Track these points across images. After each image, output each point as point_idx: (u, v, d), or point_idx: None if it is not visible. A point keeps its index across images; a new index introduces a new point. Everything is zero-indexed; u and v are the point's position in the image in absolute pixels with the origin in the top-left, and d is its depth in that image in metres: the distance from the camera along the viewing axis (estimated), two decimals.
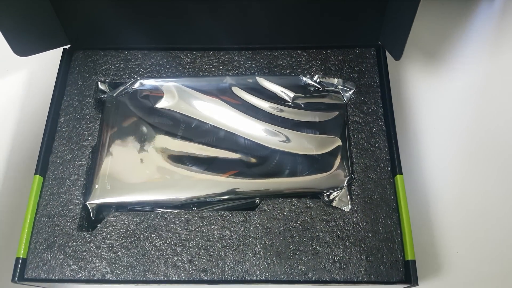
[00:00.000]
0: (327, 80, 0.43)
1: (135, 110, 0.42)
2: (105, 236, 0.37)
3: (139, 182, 0.39)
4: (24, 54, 0.42)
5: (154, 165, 0.39)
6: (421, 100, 0.47)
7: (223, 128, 0.41)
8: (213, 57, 0.45)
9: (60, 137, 0.41)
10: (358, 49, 0.45)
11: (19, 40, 0.41)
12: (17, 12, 0.40)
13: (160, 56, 0.45)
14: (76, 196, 0.39)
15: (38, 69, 0.50)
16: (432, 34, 0.51)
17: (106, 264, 0.36)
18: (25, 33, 0.41)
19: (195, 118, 0.42)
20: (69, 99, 0.43)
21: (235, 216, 0.37)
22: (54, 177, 0.40)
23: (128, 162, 0.40)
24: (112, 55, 0.45)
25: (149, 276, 0.36)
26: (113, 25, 0.44)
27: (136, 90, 0.43)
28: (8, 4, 0.38)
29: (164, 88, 0.43)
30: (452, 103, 0.47)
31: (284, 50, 0.45)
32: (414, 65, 0.50)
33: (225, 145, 0.40)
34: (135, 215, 0.38)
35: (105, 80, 0.44)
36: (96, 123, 0.42)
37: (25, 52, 0.42)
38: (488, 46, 0.51)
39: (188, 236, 0.37)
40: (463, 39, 0.51)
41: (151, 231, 0.37)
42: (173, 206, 0.39)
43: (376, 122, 0.41)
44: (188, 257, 0.36)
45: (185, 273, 0.36)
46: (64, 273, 0.36)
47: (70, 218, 0.38)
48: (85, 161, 0.40)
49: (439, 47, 0.51)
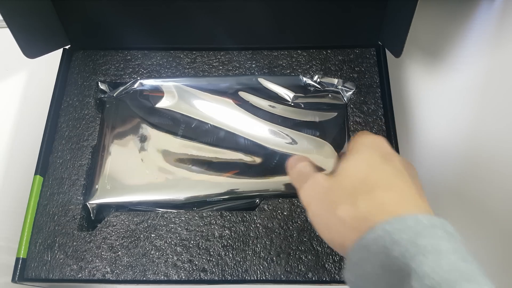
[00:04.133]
0: (327, 80, 0.44)
1: (135, 110, 0.43)
2: (105, 236, 0.38)
3: (139, 182, 0.40)
4: (32, 55, 0.43)
5: (154, 165, 0.40)
6: (421, 99, 0.48)
7: (223, 128, 0.42)
8: (213, 57, 0.46)
9: (60, 137, 0.42)
10: (358, 49, 0.46)
11: (28, 41, 0.42)
12: (24, 14, 0.41)
13: (160, 56, 0.46)
14: (76, 196, 0.40)
15: (38, 70, 0.51)
16: (432, 34, 0.52)
17: (106, 264, 0.37)
18: (32, 35, 0.43)
19: (195, 118, 0.43)
20: (69, 99, 0.44)
21: (235, 216, 0.38)
22: (54, 177, 0.41)
23: (128, 162, 0.41)
24: (112, 55, 0.46)
25: (149, 276, 0.37)
26: (113, 25, 0.45)
27: (136, 90, 0.44)
28: (16, 6, 0.40)
29: (164, 88, 0.44)
30: (452, 103, 0.48)
31: (284, 50, 0.46)
32: (414, 65, 0.50)
33: (225, 145, 0.41)
34: (135, 215, 0.39)
35: (105, 80, 0.45)
36: (96, 123, 0.43)
37: (34, 53, 0.43)
38: (488, 45, 0.52)
39: (188, 236, 0.38)
40: (463, 38, 0.52)
41: (151, 231, 0.38)
42: (173, 206, 0.40)
43: (376, 122, 0.42)
44: (188, 257, 0.37)
45: (185, 273, 0.37)
46: (64, 273, 0.37)
47: (70, 218, 0.39)
48: (85, 161, 0.41)
49: (439, 47, 0.52)
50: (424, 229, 0.23)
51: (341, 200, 0.27)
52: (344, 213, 0.26)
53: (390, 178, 0.27)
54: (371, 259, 0.24)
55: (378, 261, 0.24)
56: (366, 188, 0.26)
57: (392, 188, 0.26)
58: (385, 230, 0.23)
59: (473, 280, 0.22)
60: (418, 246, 0.23)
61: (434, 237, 0.23)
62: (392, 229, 0.23)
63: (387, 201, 0.26)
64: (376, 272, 0.24)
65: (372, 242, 0.24)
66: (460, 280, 0.21)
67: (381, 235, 0.24)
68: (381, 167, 0.27)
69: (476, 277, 0.22)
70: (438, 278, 0.21)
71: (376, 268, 0.24)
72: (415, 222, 0.23)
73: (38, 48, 0.44)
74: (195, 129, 0.42)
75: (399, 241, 0.23)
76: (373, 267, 0.24)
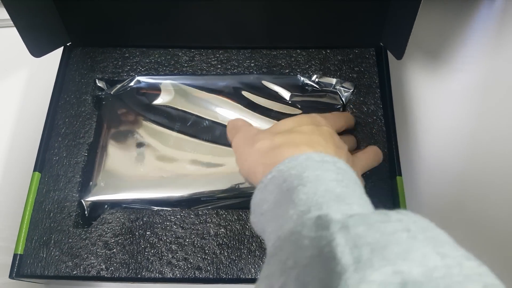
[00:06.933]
0: (325, 80, 0.45)
1: (132, 107, 0.44)
2: (100, 233, 0.39)
3: (135, 179, 0.41)
4: (38, 54, 0.44)
5: (149, 163, 0.41)
6: (421, 100, 0.49)
7: (220, 125, 0.43)
8: (211, 55, 0.47)
9: (56, 134, 0.43)
10: (357, 49, 0.47)
11: (33, 40, 0.43)
12: (29, 13, 0.42)
13: (158, 54, 0.47)
14: (72, 193, 0.41)
15: (37, 67, 0.52)
16: (433, 34, 0.53)
17: (102, 261, 0.38)
18: (37, 34, 0.44)
19: (191, 116, 0.44)
20: (67, 96, 0.45)
21: (230, 215, 0.39)
22: (50, 174, 0.42)
23: (124, 159, 0.42)
24: (110, 52, 0.47)
25: (144, 273, 0.37)
26: (112, 23, 0.46)
27: (133, 88, 0.45)
28: (21, 6, 0.41)
29: (161, 85, 0.45)
30: (453, 103, 0.49)
31: (283, 49, 0.47)
32: (414, 65, 0.51)
33: (221, 142, 0.42)
34: (131, 212, 0.40)
35: (103, 77, 0.46)
36: (93, 121, 0.44)
37: (39, 52, 0.44)
38: (489, 46, 0.53)
39: (183, 233, 0.39)
40: (465, 39, 0.53)
41: (147, 229, 0.39)
42: (169, 204, 0.40)
43: (376, 123, 0.43)
44: (183, 255, 0.38)
45: (180, 271, 0.37)
46: (60, 270, 0.38)
47: (66, 215, 0.40)
48: (81, 159, 0.42)
49: (439, 48, 0.53)
50: (312, 164, 0.26)
51: (263, 137, 0.31)
52: (262, 145, 0.31)
53: (312, 132, 0.31)
54: (267, 198, 0.27)
55: (272, 199, 0.26)
56: (286, 132, 0.31)
57: (308, 137, 0.30)
58: (279, 170, 0.26)
59: (344, 201, 0.23)
60: (302, 178, 0.25)
61: (319, 169, 0.25)
62: (285, 168, 0.26)
63: (298, 142, 0.29)
64: (271, 209, 0.26)
65: (268, 182, 0.27)
66: (330, 201, 0.23)
67: (275, 175, 0.27)
68: (307, 126, 0.31)
69: (350, 199, 0.24)
70: (309, 203, 0.23)
71: (271, 205, 0.26)
72: (305, 158, 0.26)
73: (42, 46, 0.45)
74: (191, 126, 0.43)
75: (288, 178, 0.26)
76: (269, 205, 0.26)
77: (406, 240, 0.19)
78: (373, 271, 0.18)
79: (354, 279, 0.18)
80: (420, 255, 0.19)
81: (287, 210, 0.24)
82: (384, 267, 0.18)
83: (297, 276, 0.20)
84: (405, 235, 0.20)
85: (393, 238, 0.19)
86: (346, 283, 0.18)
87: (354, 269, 0.18)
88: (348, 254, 0.19)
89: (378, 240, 0.19)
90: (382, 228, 0.20)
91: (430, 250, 0.19)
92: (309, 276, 0.19)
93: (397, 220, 0.21)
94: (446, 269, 0.18)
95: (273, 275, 0.21)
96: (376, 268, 0.18)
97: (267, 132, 0.32)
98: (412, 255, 0.19)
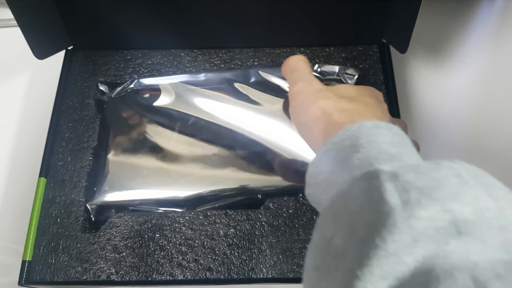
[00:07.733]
0: (328, 69, 0.44)
1: (133, 109, 0.44)
2: (109, 237, 0.39)
3: (139, 181, 0.41)
4: (42, 56, 0.44)
5: (153, 164, 0.41)
6: (425, 97, 0.50)
7: (222, 124, 0.43)
8: (214, 55, 0.47)
9: (60, 139, 0.43)
10: (361, 47, 0.47)
11: (37, 43, 0.43)
12: (33, 15, 0.42)
13: (160, 55, 0.47)
14: (78, 198, 0.41)
15: (39, 72, 0.52)
16: (435, 31, 0.53)
17: (111, 265, 0.38)
18: (41, 36, 0.44)
19: (193, 115, 0.43)
20: (69, 100, 0.45)
21: (240, 215, 0.39)
22: (56, 179, 0.42)
23: (128, 162, 0.42)
24: (112, 55, 0.47)
25: (154, 276, 0.38)
26: (114, 25, 0.46)
27: (133, 89, 0.45)
28: (26, 8, 0.41)
29: (161, 86, 0.45)
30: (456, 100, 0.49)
31: (287, 48, 0.47)
32: (417, 62, 0.52)
33: (224, 141, 0.42)
34: (139, 215, 0.40)
35: (105, 80, 0.46)
36: (96, 124, 0.44)
37: (43, 54, 0.45)
38: (491, 43, 0.53)
39: (193, 235, 0.39)
40: (467, 37, 0.53)
41: (155, 231, 0.39)
42: (174, 205, 0.40)
43: None
44: (194, 256, 0.38)
45: (191, 273, 0.38)
46: (69, 275, 0.38)
47: (74, 220, 0.40)
48: (86, 163, 0.42)
49: (442, 45, 0.53)
50: (365, 130, 0.26)
51: (328, 96, 0.32)
52: (326, 104, 0.31)
53: (373, 105, 0.32)
54: (323, 169, 0.27)
55: (328, 169, 0.27)
56: (350, 99, 0.32)
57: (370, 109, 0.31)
58: (334, 143, 0.27)
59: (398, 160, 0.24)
60: (355, 146, 0.25)
61: (373, 135, 0.26)
62: (339, 139, 0.27)
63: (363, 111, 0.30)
64: (326, 179, 0.27)
65: (323, 155, 0.27)
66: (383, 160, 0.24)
67: (330, 148, 0.27)
68: (369, 98, 0.32)
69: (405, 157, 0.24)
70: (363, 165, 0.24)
71: (327, 175, 0.27)
72: (358, 127, 0.27)
73: (46, 49, 0.45)
74: (193, 126, 0.43)
75: (342, 149, 0.26)
76: (324, 175, 0.27)
77: (457, 184, 0.19)
78: (421, 209, 0.18)
79: (402, 216, 0.18)
80: (471, 197, 0.19)
81: (342, 176, 0.25)
82: (433, 205, 0.18)
83: (348, 223, 0.20)
84: (456, 180, 0.20)
85: (443, 182, 0.19)
86: (394, 220, 0.18)
87: (403, 208, 0.18)
88: (397, 197, 0.19)
89: (427, 185, 0.19)
90: (432, 174, 0.20)
91: (482, 193, 0.19)
92: (359, 221, 0.20)
93: (448, 168, 0.20)
94: (499, 211, 0.18)
95: (325, 224, 0.22)
96: (425, 207, 0.18)
97: (332, 92, 0.33)
98: (462, 197, 0.19)
